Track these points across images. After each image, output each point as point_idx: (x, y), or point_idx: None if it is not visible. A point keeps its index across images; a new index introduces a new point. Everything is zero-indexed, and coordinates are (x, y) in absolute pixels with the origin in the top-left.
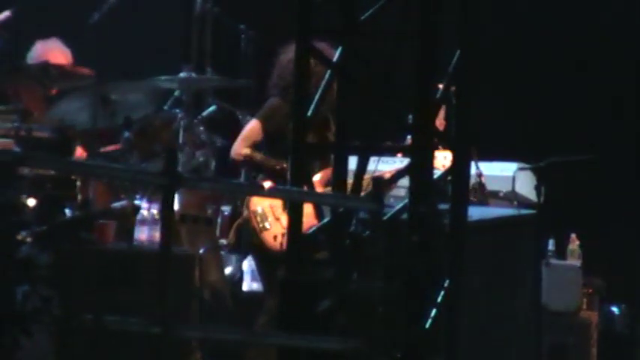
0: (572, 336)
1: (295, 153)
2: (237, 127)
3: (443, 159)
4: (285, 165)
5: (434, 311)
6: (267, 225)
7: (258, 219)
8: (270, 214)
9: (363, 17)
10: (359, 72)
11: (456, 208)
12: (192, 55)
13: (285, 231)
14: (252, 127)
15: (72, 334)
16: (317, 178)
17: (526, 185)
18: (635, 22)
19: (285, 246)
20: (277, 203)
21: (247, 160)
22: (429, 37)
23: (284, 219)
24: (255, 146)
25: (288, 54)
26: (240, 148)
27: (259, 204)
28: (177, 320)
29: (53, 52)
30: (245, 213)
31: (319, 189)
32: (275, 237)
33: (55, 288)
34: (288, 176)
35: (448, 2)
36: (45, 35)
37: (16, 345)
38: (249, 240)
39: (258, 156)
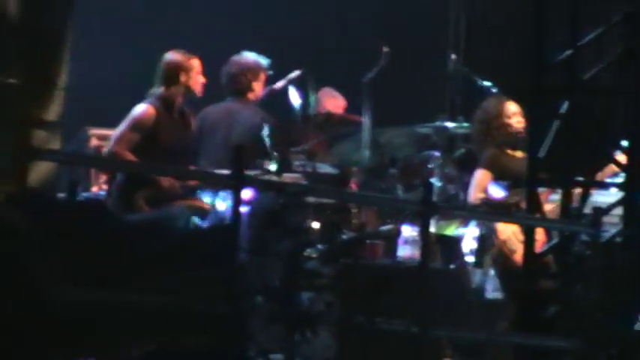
0: None
1: (530, 187)
2: None
3: None
4: (517, 198)
5: None
6: (514, 248)
7: (508, 245)
8: (514, 239)
9: (585, 76)
10: (581, 122)
11: None
12: (445, 106)
13: None
14: (480, 175)
15: (349, 332)
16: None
17: None
18: None
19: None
20: (517, 229)
21: (485, 203)
22: None
23: None
24: (483, 190)
25: (487, 109)
26: (475, 194)
27: (505, 232)
28: (433, 322)
29: (332, 102)
30: (496, 242)
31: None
32: (521, 256)
33: (336, 295)
34: (522, 206)
35: None
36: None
37: (304, 340)
38: (499, 262)
39: (492, 198)
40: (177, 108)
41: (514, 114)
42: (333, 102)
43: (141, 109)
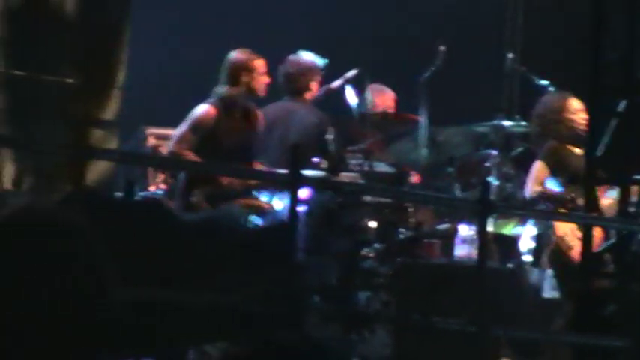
0: None
1: (588, 185)
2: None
3: None
4: (572, 195)
5: None
6: (571, 244)
7: (565, 241)
8: (572, 235)
9: None
10: (639, 120)
11: None
12: (502, 104)
13: None
14: (538, 168)
15: (406, 331)
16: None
17: None
18: None
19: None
20: (574, 225)
21: (542, 196)
22: None
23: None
24: (541, 183)
25: (546, 104)
26: (533, 186)
27: (562, 228)
28: (490, 321)
29: (381, 96)
30: (553, 238)
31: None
32: (579, 253)
33: (393, 294)
34: (579, 203)
35: None
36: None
37: (361, 339)
38: (556, 258)
39: (549, 191)
40: (239, 108)
41: (578, 110)
42: (382, 96)
43: (202, 109)
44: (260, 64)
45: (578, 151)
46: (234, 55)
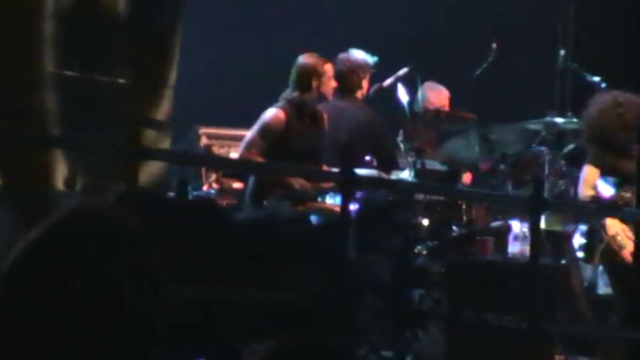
0: None
1: None
2: None
3: None
4: (627, 196)
5: None
6: (623, 244)
7: (617, 241)
8: (623, 235)
9: None
10: None
11: None
12: (554, 101)
13: None
14: (587, 171)
15: (459, 329)
16: None
17: None
18: None
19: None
20: (626, 226)
21: (594, 199)
22: None
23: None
24: (593, 187)
25: (596, 105)
26: (584, 191)
27: (614, 228)
28: (543, 318)
29: (436, 95)
30: (605, 238)
31: None
32: (631, 253)
33: (445, 292)
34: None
35: None
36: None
37: (414, 337)
38: (608, 258)
39: (601, 196)
40: (308, 112)
41: (628, 110)
42: (437, 94)
43: (270, 113)
44: (329, 68)
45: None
46: (304, 59)
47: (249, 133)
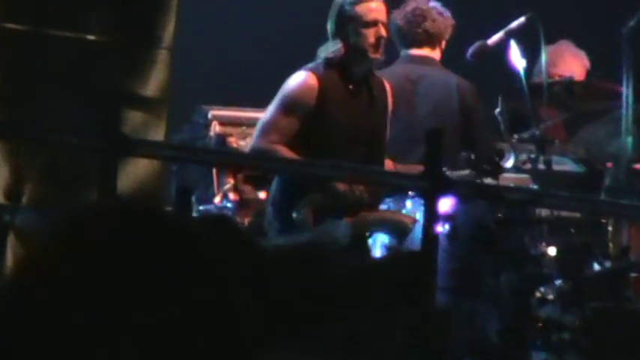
0: None
1: None
2: None
3: None
4: None
5: None
6: None
7: None
8: None
9: None
10: None
11: None
12: None
13: None
14: None
15: None
16: None
17: None
18: None
19: None
20: None
21: None
22: None
23: None
24: None
25: None
26: None
27: None
28: None
29: (572, 62)
30: None
31: None
32: None
33: (584, 356)
34: None
35: None
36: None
37: None
38: None
39: None
40: (356, 75)
41: None
42: (572, 62)
43: (297, 80)
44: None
45: None
46: None
47: (266, 112)
